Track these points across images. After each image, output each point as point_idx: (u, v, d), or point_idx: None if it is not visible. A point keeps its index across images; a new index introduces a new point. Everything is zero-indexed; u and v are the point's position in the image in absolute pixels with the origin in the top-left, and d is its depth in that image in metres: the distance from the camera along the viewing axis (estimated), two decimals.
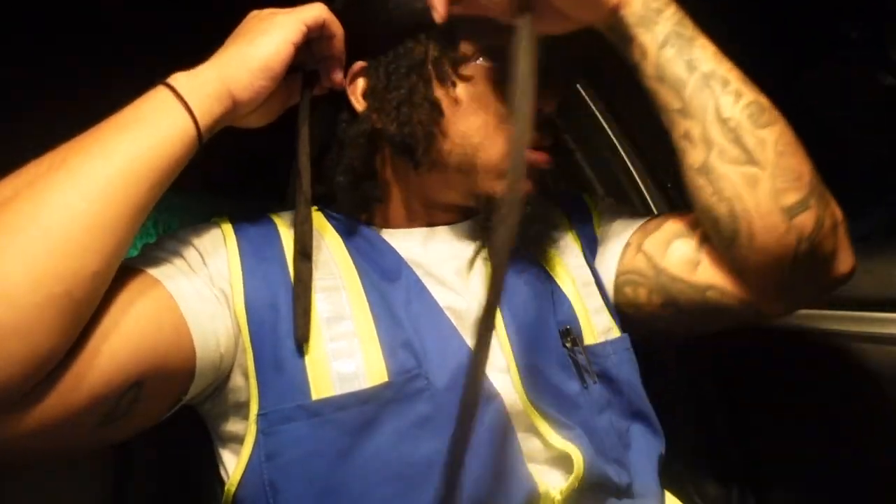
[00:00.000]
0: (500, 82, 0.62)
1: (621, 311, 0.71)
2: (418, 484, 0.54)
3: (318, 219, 0.69)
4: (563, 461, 0.59)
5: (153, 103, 0.52)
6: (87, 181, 0.46)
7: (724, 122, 0.56)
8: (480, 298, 0.64)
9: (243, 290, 0.56)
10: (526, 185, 0.64)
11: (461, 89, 0.62)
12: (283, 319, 0.56)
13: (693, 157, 0.58)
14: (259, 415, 0.54)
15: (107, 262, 0.46)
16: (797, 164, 0.55)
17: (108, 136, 0.49)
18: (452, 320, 0.61)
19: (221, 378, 0.56)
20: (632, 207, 1.03)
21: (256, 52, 0.56)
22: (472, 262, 0.67)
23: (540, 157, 0.64)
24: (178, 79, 0.53)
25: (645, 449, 0.67)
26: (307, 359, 0.55)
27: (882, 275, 0.74)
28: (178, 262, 0.56)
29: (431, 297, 0.62)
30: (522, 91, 0.46)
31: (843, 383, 0.78)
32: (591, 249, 0.75)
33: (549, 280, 0.69)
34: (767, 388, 0.90)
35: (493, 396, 0.59)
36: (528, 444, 0.59)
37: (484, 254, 0.67)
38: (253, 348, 0.55)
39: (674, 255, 0.64)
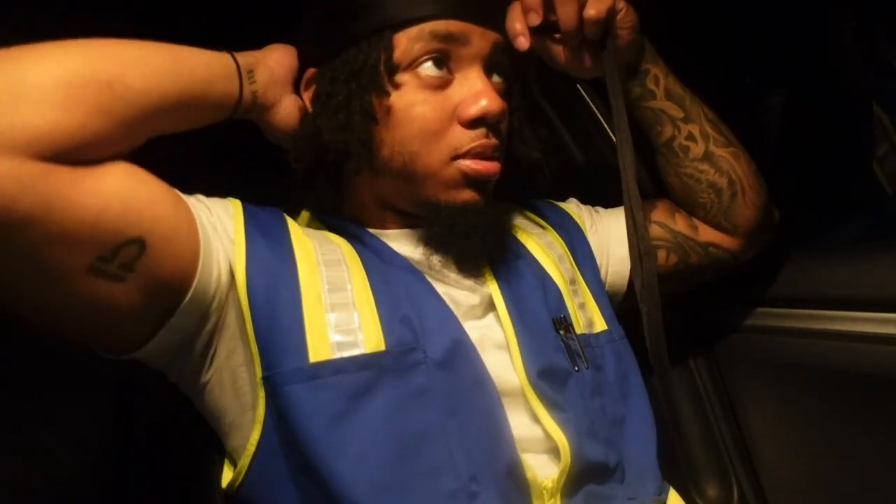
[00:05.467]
0: (437, 90, 0.62)
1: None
2: (414, 451, 0.54)
3: (311, 220, 0.70)
4: (554, 450, 0.60)
5: (218, 57, 0.58)
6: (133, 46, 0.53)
7: (710, 119, 0.76)
8: (479, 289, 0.65)
9: (245, 255, 0.56)
10: (470, 196, 0.64)
11: (395, 97, 0.62)
12: (283, 285, 0.56)
13: (696, 150, 0.76)
14: (263, 378, 0.55)
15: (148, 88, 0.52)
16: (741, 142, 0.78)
17: (165, 47, 0.55)
18: (451, 306, 0.62)
19: (207, 334, 0.56)
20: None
21: (279, 114, 0.65)
22: (458, 258, 0.66)
23: (483, 167, 0.63)
24: (242, 58, 0.60)
25: (642, 438, 0.68)
26: (307, 324, 0.55)
27: (882, 275, 0.74)
28: (195, 202, 0.57)
29: (430, 284, 0.63)
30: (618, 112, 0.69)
31: (843, 383, 0.78)
32: (583, 251, 0.78)
33: (540, 269, 0.71)
34: (767, 387, 0.90)
35: (486, 380, 0.59)
36: (520, 431, 0.59)
37: (468, 252, 0.66)
38: (252, 312, 0.55)
39: (680, 222, 0.80)
